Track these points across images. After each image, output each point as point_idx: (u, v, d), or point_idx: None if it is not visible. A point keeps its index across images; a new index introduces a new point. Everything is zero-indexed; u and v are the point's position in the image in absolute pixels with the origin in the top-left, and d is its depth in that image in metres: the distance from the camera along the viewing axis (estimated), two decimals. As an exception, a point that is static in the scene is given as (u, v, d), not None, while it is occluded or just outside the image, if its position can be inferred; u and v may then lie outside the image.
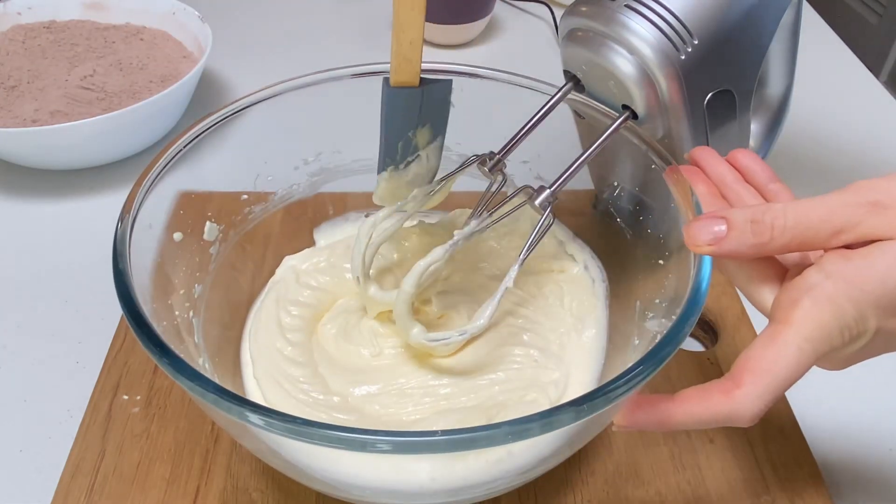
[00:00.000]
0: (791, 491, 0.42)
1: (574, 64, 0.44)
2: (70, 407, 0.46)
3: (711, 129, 0.44)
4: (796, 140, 0.70)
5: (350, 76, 0.47)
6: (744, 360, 0.31)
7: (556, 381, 0.42)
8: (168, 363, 0.30)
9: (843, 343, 0.31)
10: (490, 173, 0.42)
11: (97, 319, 0.51)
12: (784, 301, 0.32)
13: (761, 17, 0.43)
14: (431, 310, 0.46)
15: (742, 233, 0.32)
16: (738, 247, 0.32)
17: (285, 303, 0.46)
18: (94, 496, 0.40)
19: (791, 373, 0.31)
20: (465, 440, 0.28)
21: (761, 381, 0.30)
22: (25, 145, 0.60)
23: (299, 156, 0.50)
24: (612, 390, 0.29)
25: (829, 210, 0.31)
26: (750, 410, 0.30)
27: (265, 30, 0.88)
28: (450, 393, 0.41)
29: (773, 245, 0.32)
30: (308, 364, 0.43)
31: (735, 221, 0.32)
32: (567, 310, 0.47)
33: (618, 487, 0.42)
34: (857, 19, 1.74)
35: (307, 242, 0.52)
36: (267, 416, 0.28)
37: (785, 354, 0.30)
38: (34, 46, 0.71)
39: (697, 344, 0.52)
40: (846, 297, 0.30)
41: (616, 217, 0.46)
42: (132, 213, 0.37)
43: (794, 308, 0.31)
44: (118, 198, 0.38)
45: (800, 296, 0.31)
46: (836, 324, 0.30)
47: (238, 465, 0.42)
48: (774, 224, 0.32)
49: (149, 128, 0.65)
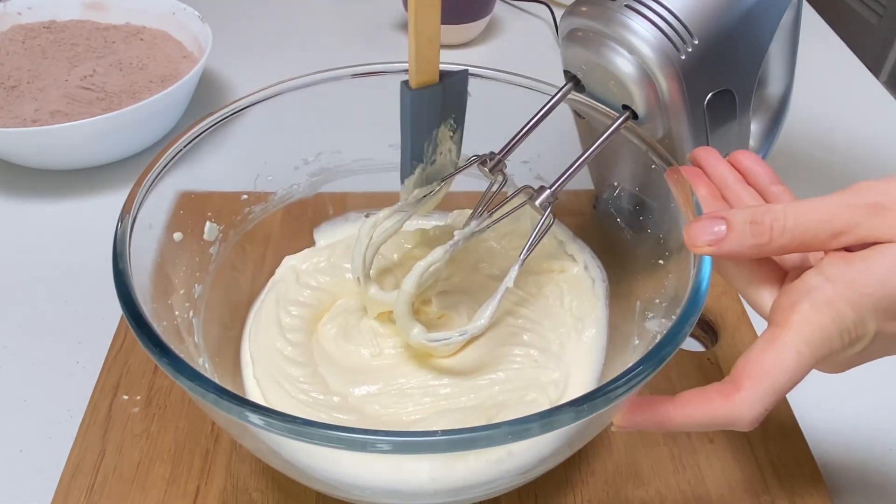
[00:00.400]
0: (791, 491, 0.42)
1: (574, 64, 0.44)
2: (70, 407, 0.46)
3: (711, 129, 0.44)
4: (796, 140, 0.70)
5: (350, 76, 0.47)
6: (743, 364, 0.31)
7: (556, 382, 0.42)
8: (168, 363, 0.30)
9: (842, 346, 0.31)
10: (490, 173, 0.42)
11: (97, 319, 0.51)
12: (783, 304, 0.32)
13: (761, 17, 0.43)
14: (432, 310, 0.46)
15: (742, 234, 0.32)
16: (737, 247, 0.32)
17: (285, 303, 0.46)
18: (94, 496, 0.40)
19: (790, 376, 0.30)
20: (465, 440, 0.28)
21: (760, 384, 0.30)
22: (25, 145, 0.60)
23: (299, 156, 0.50)
24: (612, 390, 0.29)
25: (829, 212, 0.31)
26: (749, 414, 0.30)
27: (265, 30, 0.88)
28: (450, 393, 0.41)
29: (772, 246, 0.32)
30: (308, 364, 0.43)
31: (735, 222, 0.32)
32: (567, 310, 0.47)
33: (618, 487, 0.42)
34: (857, 19, 1.74)
35: (307, 242, 0.52)
36: (267, 416, 0.28)
37: (784, 358, 0.30)
38: (34, 46, 0.71)
39: (697, 344, 0.52)
40: (845, 301, 0.30)
41: (616, 217, 0.46)
42: (132, 213, 0.37)
43: (793, 311, 0.31)
44: (118, 198, 0.38)
45: (799, 298, 0.31)
46: (835, 327, 0.30)
47: (238, 465, 0.42)
48: (774, 225, 0.32)
49: (149, 128, 0.65)
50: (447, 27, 0.81)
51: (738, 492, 0.42)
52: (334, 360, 0.44)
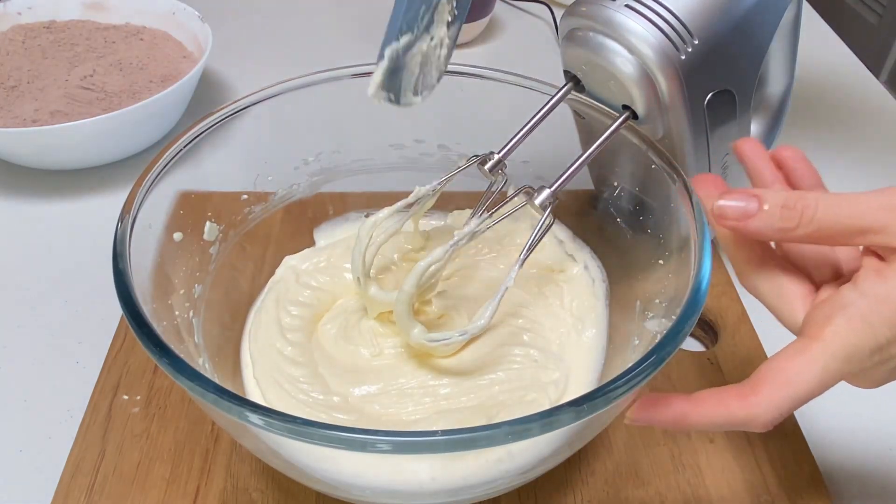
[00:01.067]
0: (791, 491, 0.42)
1: (574, 64, 0.44)
2: (70, 407, 0.46)
3: (711, 129, 0.44)
4: (796, 140, 0.69)
5: (350, 76, 0.47)
6: (766, 369, 0.31)
7: (557, 381, 0.42)
8: (168, 363, 0.30)
9: (874, 364, 0.31)
10: (490, 173, 0.42)
11: (97, 319, 0.51)
12: (817, 317, 0.31)
13: (761, 17, 0.43)
14: (432, 310, 0.46)
15: (771, 215, 0.32)
16: (763, 228, 0.32)
17: (285, 303, 0.46)
18: (94, 496, 0.40)
19: (813, 388, 0.30)
20: (465, 440, 0.28)
21: (779, 392, 0.30)
22: (25, 145, 0.60)
23: (299, 156, 0.50)
24: (612, 390, 0.29)
25: (861, 210, 0.31)
26: (764, 417, 0.30)
27: (265, 30, 0.88)
28: (450, 393, 0.41)
29: (797, 233, 0.32)
30: (308, 364, 0.43)
31: (767, 202, 0.32)
32: (567, 310, 0.47)
33: (618, 487, 0.42)
34: (857, 19, 1.74)
35: (307, 242, 0.52)
36: (267, 416, 0.28)
37: (809, 369, 0.30)
38: (34, 46, 0.71)
39: (697, 344, 0.52)
40: (880, 318, 0.30)
41: (616, 217, 0.46)
42: (132, 213, 0.37)
43: (827, 325, 0.31)
44: (118, 198, 0.38)
45: (833, 313, 0.31)
46: (867, 344, 0.30)
47: (238, 465, 0.42)
48: (804, 213, 0.31)
49: (149, 128, 0.65)
50: (447, 27, 0.81)
51: (738, 492, 0.42)
52: (334, 361, 0.44)
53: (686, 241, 0.37)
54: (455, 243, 0.41)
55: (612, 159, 0.45)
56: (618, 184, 0.46)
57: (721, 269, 0.55)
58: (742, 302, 0.52)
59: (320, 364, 0.43)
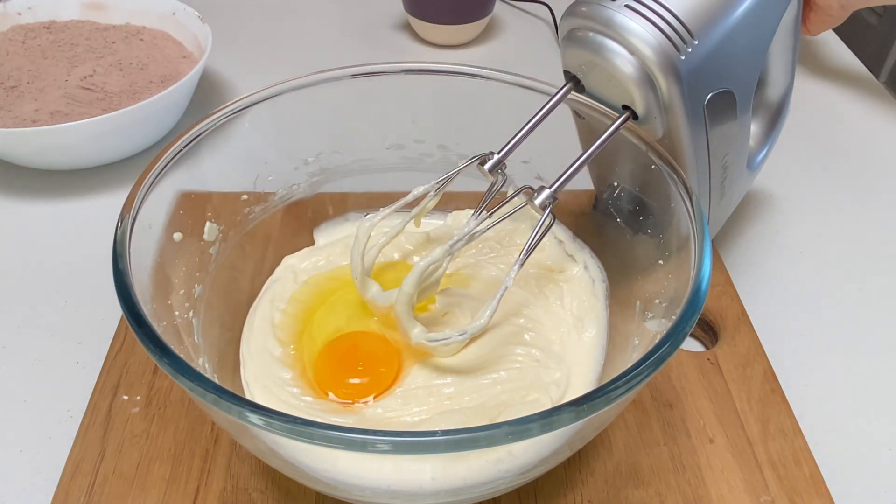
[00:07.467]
0: (791, 491, 0.42)
1: (574, 64, 0.44)
2: (70, 407, 0.46)
3: (711, 129, 0.44)
4: (796, 140, 0.70)
5: (350, 76, 0.47)
6: None
7: (558, 381, 0.42)
8: (168, 363, 0.30)
9: None
10: (490, 174, 0.42)
11: (97, 319, 0.51)
12: None
13: (761, 17, 0.43)
14: (435, 307, 0.46)
15: None
16: None
17: (280, 302, 0.46)
18: (94, 496, 0.40)
19: None
20: (466, 440, 0.28)
21: None
22: (25, 145, 0.60)
23: (299, 156, 0.50)
24: (612, 390, 0.29)
25: None
26: None
27: (265, 30, 0.88)
28: (453, 392, 0.41)
29: None
30: (297, 366, 0.43)
31: None
32: (567, 310, 0.47)
33: (618, 487, 0.42)
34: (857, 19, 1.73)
35: (307, 242, 0.52)
36: (267, 416, 0.28)
37: None
38: (34, 46, 0.71)
39: (697, 344, 0.52)
40: None
41: (616, 217, 0.46)
42: (132, 213, 0.37)
43: None
44: (118, 198, 0.38)
45: None
46: None
47: (238, 465, 0.42)
48: None
49: (149, 128, 0.65)
50: (447, 27, 0.81)
51: (738, 492, 0.42)
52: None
53: (686, 241, 0.37)
54: (455, 243, 0.41)
55: (612, 159, 0.45)
56: (618, 184, 0.46)
57: (721, 269, 0.55)
58: (742, 302, 0.52)
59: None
